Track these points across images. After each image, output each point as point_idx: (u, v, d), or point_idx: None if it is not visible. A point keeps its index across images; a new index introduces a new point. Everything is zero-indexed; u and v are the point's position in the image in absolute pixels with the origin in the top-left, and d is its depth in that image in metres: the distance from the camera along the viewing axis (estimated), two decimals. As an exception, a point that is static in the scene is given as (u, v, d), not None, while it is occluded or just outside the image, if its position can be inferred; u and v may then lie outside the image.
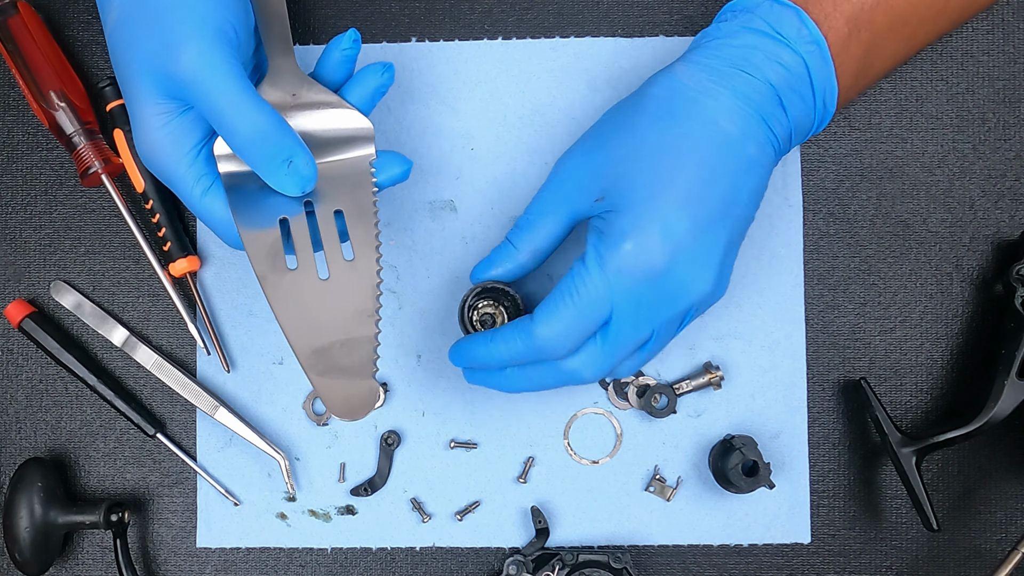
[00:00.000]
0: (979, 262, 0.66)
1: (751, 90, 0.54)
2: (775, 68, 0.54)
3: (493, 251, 0.59)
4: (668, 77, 0.55)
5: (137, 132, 0.54)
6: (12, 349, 0.67)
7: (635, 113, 0.55)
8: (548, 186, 0.58)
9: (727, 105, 0.53)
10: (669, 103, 0.54)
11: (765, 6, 0.55)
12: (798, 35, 0.54)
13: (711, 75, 0.54)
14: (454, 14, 0.67)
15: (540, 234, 0.58)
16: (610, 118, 0.57)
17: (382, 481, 0.65)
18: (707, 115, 0.53)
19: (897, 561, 0.66)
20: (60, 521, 0.62)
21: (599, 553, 0.63)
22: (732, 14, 0.56)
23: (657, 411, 0.64)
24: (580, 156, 0.57)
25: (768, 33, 0.54)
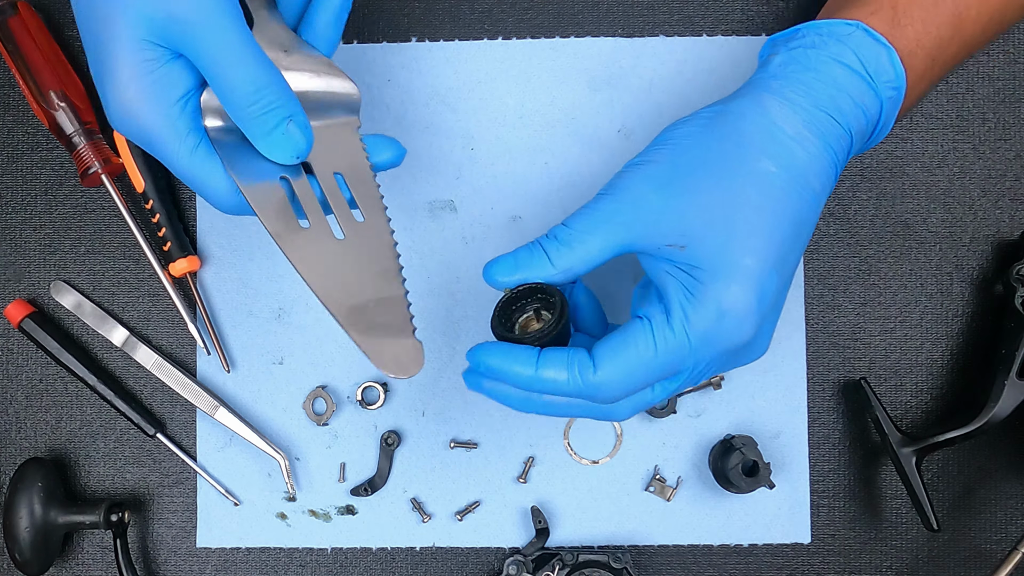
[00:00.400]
0: (979, 262, 0.66)
1: (835, 140, 0.51)
2: (858, 116, 0.52)
3: (521, 253, 0.52)
4: (762, 116, 0.50)
5: (112, 83, 0.47)
6: (12, 349, 0.67)
7: (727, 155, 0.49)
8: (602, 205, 0.51)
9: (817, 158, 0.50)
10: (764, 149, 0.49)
11: (857, 37, 0.52)
12: (884, 77, 0.52)
13: (803, 119, 0.50)
14: (454, 14, 0.67)
15: (582, 255, 0.50)
16: (692, 150, 0.50)
17: (382, 481, 0.65)
18: (800, 169, 0.50)
19: (897, 561, 0.66)
20: (60, 521, 0.62)
21: (599, 553, 0.63)
22: (818, 36, 0.52)
23: (657, 411, 0.64)
24: (651, 185, 0.50)
25: (859, 72, 0.51)
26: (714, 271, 0.48)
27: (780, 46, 0.53)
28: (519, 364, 0.49)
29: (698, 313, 0.48)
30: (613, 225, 0.50)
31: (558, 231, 0.51)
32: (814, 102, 0.50)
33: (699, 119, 0.52)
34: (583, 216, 0.51)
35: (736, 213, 0.48)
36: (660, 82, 0.66)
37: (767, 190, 0.49)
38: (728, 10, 0.67)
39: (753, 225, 0.48)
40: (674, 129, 0.52)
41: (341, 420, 0.66)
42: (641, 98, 0.66)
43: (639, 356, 0.48)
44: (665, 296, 0.49)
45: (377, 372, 0.66)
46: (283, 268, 0.66)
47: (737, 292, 0.47)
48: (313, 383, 0.66)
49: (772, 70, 0.52)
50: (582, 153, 0.66)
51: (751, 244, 0.48)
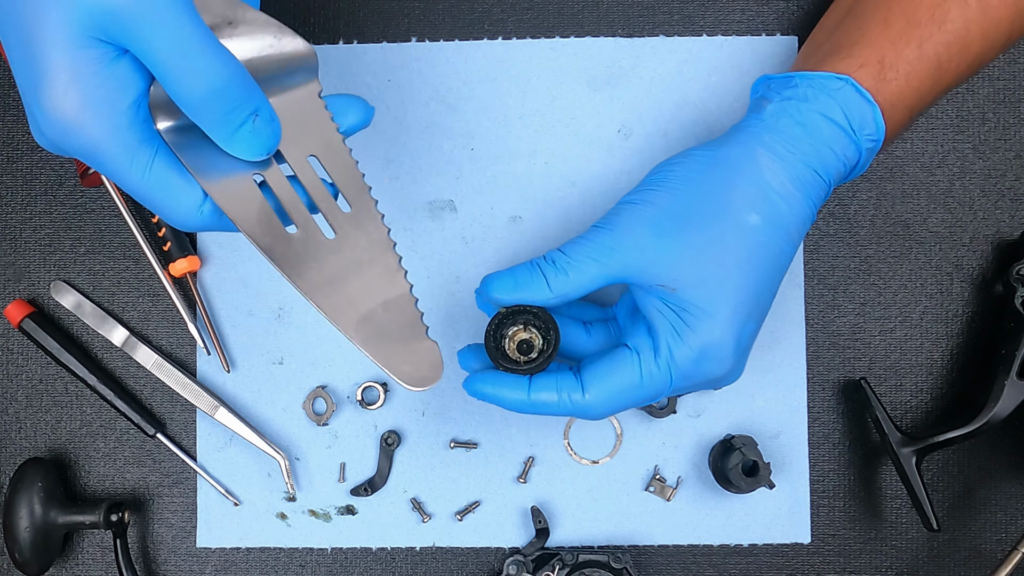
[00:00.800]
0: (979, 262, 0.66)
1: (816, 192, 0.54)
2: (839, 167, 0.54)
3: (520, 274, 0.55)
4: (754, 171, 0.53)
5: (45, 91, 0.40)
6: (12, 349, 0.67)
7: (720, 206, 0.53)
8: (600, 239, 0.54)
9: (798, 211, 0.53)
10: (754, 205, 0.53)
11: (845, 93, 0.54)
12: (867, 131, 0.54)
13: (790, 175, 0.53)
14: (454, 14, 0.67)
15: (577, 283, 0.54)
16: (688, 197, 0.54)
17: (382, 481, 0.65)
18: (783, 223, 0.53)
19: (897, 561, 0.66)
20: (60, 521, 0.62)
21: (599, 553, 0.63)
22: (810, 89, 0.54)
23: (657, 411, 0.64)
24: (649, 229, 0.53)
25: (844, 128, 0.54)
26: (700, 316, 0.52)
27: (774, 92, 0.56)
28: (512, 391, 0.55)
29: (682, 352, 0.52)
30: (610, 259, 0.53)
31: (556, 257, 0.54)
32: (802, 158, 0.53)
33: (695, 163, 0.54)
34: (581, 246, 0.54)
35: (723, 265, 0.52)
36: (660, 82, 0.66)
37: (752, 245, 0.53)
38: (728, 10, 0.67)
39: (737, 279, 0.52)
40: (670, 170, 0.55)
41: (341, 420, 0.66)
42: (641, 98, 0.66)
43: (624, 384, 0.53)
44: (654, 332, 0.53)
45: (377, 372, 0.66)
46: (283, 268, 0.66)
47: (718, 337, 0.52)
48: (313, 383, 0.66)
49: (765, 119, 0.55)
50: (582, 153, 0.66)
51: (735, 296, 0.52)
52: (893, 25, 0.56)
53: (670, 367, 0.52)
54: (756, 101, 0.57)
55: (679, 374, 0.53)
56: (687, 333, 0.52)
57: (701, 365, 0.52)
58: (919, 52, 0.55)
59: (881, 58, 0.55)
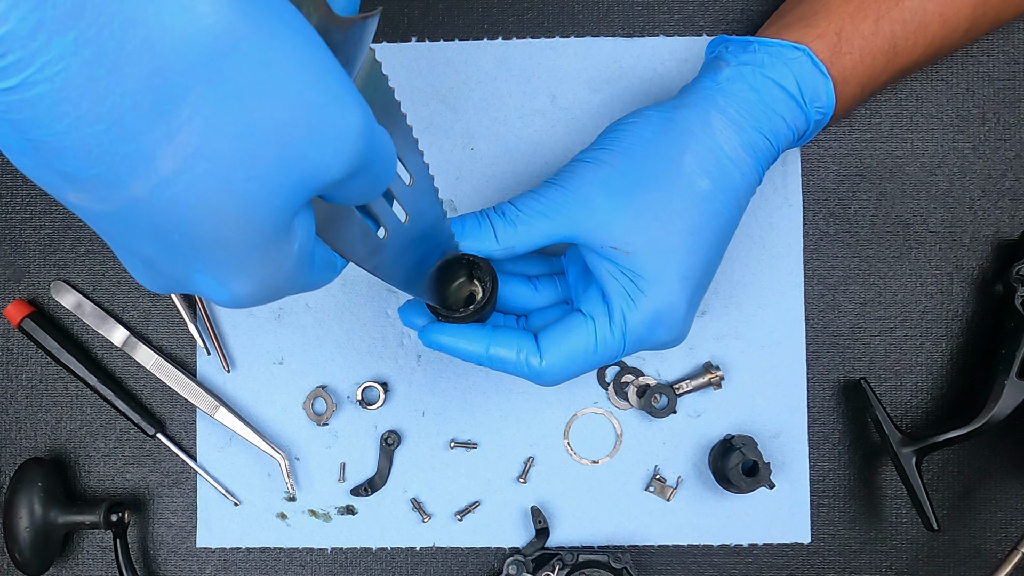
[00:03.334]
0: (979, 262, 0.66)
1: (765, 158, 0.55)
2: (788, 135, 0.55)
3: (469, 222, 0.53)
4: (708, 135, 0.54)
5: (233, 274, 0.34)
6: (12, 349, 0.67)
7: (673, 170, 0.53)
8: (551, 194, 0.54)
9: (748, 177, 0.54)
10: (708, 173, 0.53)
11: (801, 63, 0.55)
12: (817, 103, 0.55)
13: (742, 141, 0.54)
14: (454, 14, 0.67)
15: (525, 238, 0.53)
16: (643, 159, 0.54)
17: (382, 481, 0.65)
18: (734, 189, 0.54)
19: (897, 561, 0.66)
20: (60, 521, 0.62)
21: (599, 553, 0.63)
22: (767, 56, 0.55)
23: (657, 411, 0.64)
24: (602, 189, 0.53)
25: (795, 97, 0.55)
26: (653, 282, 0.52)
27: (731, 56, 0.56)
28: (471, 343, 0.54)
29: (636, 318, 0.53)
30: (560, 216, 0.53)
31: (506, 209, 0.54)
32: (754, 124, 0.54)
33: (650, 124, 0.54)
34: (532, 201, 0.54)
35: (676, 231, 0.53)
36: (660, 82, 0.66)
37: (704, 210, 0.53)
38: (728, 10, 0.67)
39: (690, 244, 0.53)
40: (624, 130, 0.55)
41: (341, 420, 0.66)
42: (641, 98, 0.66)
43: (579, 349, 0.53)
44: (607, 298, 0.53)
45: (377, 372, 0.66)
46: (283, 268, 0.66)
47: (671, 303, 0.53)
48: (313, 383, 0.66)
49: (721, 83, 0.55)
50: (582, 153, 0.66)
51: (687, 261, 0.53)
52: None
53: (624, 333, 0.53)
54: (711, 61, 0.57)
55: (632, 340, 0.53)
56: (641, 299, 0.52)
57: (654, 331, 0.53)
58: (875, 28, 0.56)
59: (839, 30, 0.56)
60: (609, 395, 0.66)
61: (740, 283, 0.65)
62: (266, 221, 0.32)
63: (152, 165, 0.29)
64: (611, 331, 0.53)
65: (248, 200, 0.31)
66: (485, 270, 0.53)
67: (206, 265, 0.33)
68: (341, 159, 0.32)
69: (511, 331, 0.55)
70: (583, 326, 0.54)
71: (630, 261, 0.52)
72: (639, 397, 0.65)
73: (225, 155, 0.30)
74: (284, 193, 0.31)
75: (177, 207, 0.30)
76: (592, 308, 0.54)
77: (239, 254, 0.33)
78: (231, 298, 0.35)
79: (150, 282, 0.36)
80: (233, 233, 0.32)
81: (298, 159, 0.31)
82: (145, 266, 0.34)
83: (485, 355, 0.54)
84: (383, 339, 0.66)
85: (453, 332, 0.54)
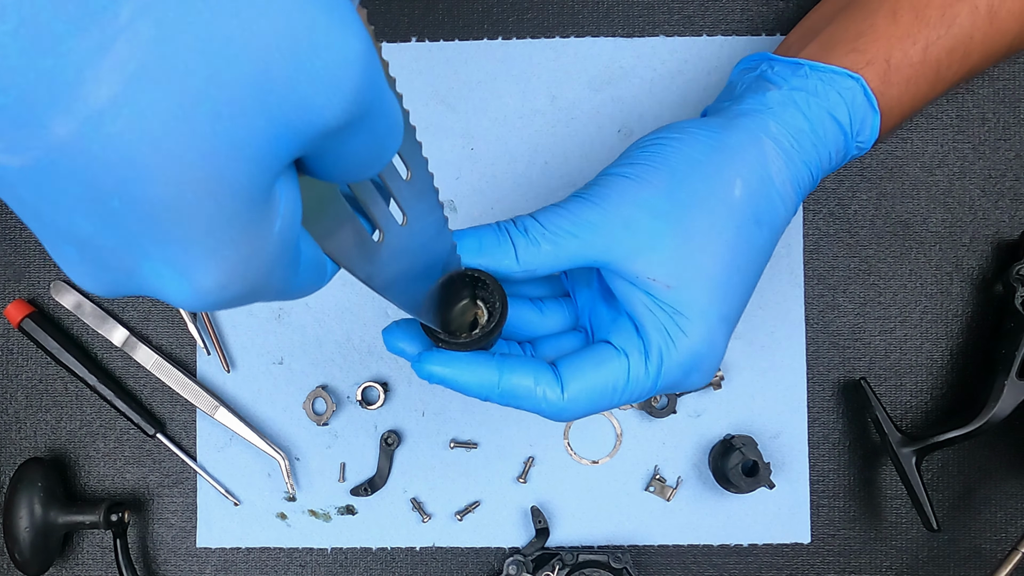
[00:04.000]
0: (979, 262, 0.66)
1: (807, 191, 0.52)
2: (828, 167, 0.52)
3: (487, 238, 0.47)
4: (761, 165, 0.49)
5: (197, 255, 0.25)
6: (12, 349, 0.67)
7: (722, 197, 0.48)
8: (585, 213, 0.47)
9: (789, 217, 0.51)
10: (757, 206, 0.48)
11: (854, 95, 0.52)
12: (862, 136, 0.53)
13: (791, 175, 0.50)
14: (454, 14, 0.67)
15: (550, 260, 0.47)
16: (690, 183, 0.48)
17: (382, 481, 0.65)
18: (779, 227, 0.50)
19: (897, 561, 0.66)
20: (60, 521, 0.62)
21: (599, 553, 0.63)
22: (820, 82, 0.51)
23: (657, 411, 0.64)
24: (646, 212, 0.47)
25: (845, 130, 0.52)
26: (696, 321, 0.47)
27: (780, 78, 0.52)
28: (479, 374, 0.46)
29: (674, 360, 0.47)
30: (593, 238, 0.47)
31: (530, 225, 0.47)
32: (803, 156, 0.50)
33: (698, 143, 0.49)
34: (560, 218, 0.47)
35: (722, 265, 0.47)
36: (660, 82, 0.66)
37: (752, 244, 0.48)
38: (728, 10, 0.67)
39: (735, 282, 0.48)
40: (666, 145, 0.49)
41: (341, 420, 0.66)
42: (641, 98, 0.66)
43: (608, 385, 0.47)
44: (644, 333, 0.47)
45: (377, 372, 0.66)
46: (283, 268, 0.66)
47: (712, 347, 0.47)
48: (313, 383, 0.66)
49: (772, 107, 0.51)
50: (582, 153, 0.66)
51: (729, 300, 0.48)
52: (901, 20, 0.53)
53: (659, 374, 0.47)
54: (756, 81, 0.53)
55: (666, 383, 0.47)
56: (681, 340, 0.47)
57: (690, 375, 0.48)
58: (923, 56, 0.53)
59: (888, 57, 0.52)
60: (609, 395, 0.66)
61: (740, 283, 0.65)
62: (238, 178, 0.23)
63: (80, 91, 0.21)
64: (646, 370, 0.47)
65: (215, 147, 0.23)
66: (494, 290, 0.46)
67: (160, 246, 0.24)
68: (338, 98, 0.24)
69: (523, 360, 0.47)
70: (614, 360, 0.47)
71: (671, 296, 0.46)
72: (639, 397, 0.65)
73: (182, 79, 0.21)
74: (263, 140, 0.23)
75: (116, 155, 0.22)
76: (625, 342, 0.47)
77: (203, 230, 0.24)
78: (193, 293, 0.25)
79: (89, 279, 0.26)
80: (194, 197, 0.23)
81: (282, 93, 0.23)
82: (81, 255, 0.25)
83: (495, 387, 0.46)
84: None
85: (455, 362, 0.46)
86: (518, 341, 0.52)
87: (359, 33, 0.24)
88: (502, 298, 0.46)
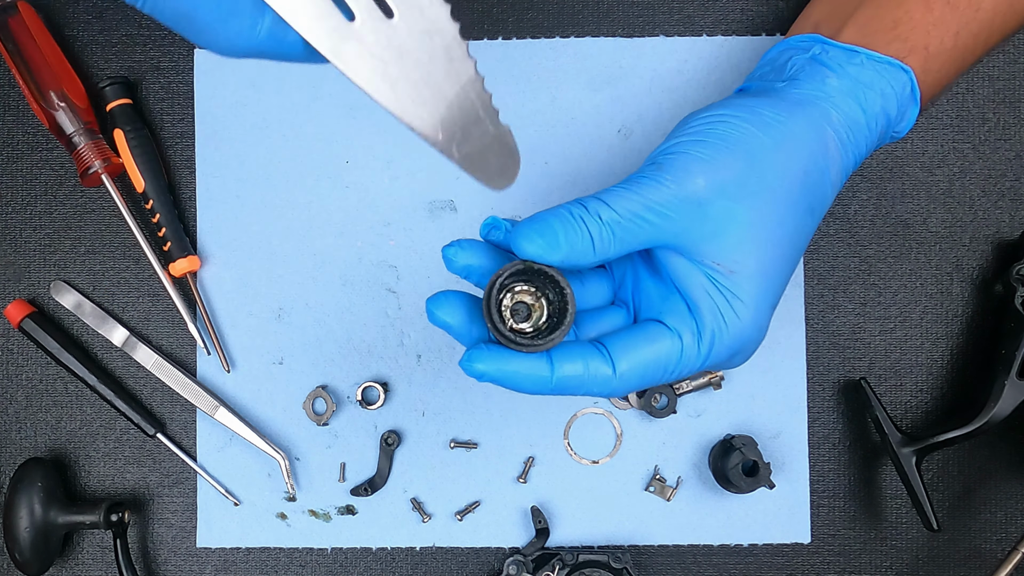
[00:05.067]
0: (979, 262, 0.66)
1: (849, 174, 0.52)
2: (867, 153, 0.53)
3: (557, 224, 0.45)
4: (823, 157, 0.49)
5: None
6: (12, 349, 0.67)
7: (788, 188, 0.48)
8: (656, 193, 0.46)
9: (833, 199, 0.51)
10: (815, 197, 0.49)
11: (905, 89, 0.52)
12: (899, 126, 0.53)
13: (843, 166, 0.51)
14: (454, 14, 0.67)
15: (623, 245, 0.46)
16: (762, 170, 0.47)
17: (382, 481, 0.65)
18: (823, 213, 0.51)
19: (897, 561, 0.66)
20: (60, 521, 0.62)
21: (599, 553, 0.63)
22: (876, 73, 0.51)
23: (657, 411, 0.64)
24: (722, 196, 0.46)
25: (892, 123, 0.52)
26: (750, 308, 0.47)
27: (836, 65, 0.51)
28: (532, 368, 0.45)
29: (723, 344, 0.47)
30: (668, 223, 0.46)
31: (602, 210, 0.45)
32: (855, 148, 0.51)
33: (768, 128, 0.48)
34: (632, 202, 0.45)
35: (781, 255, 0.48)
36: (660, 82, 0.66)
37: (802, 239, 0.49)
38: (728, 10, 0.67)
39: (787, 272, 0.49)
40: (738, 127, 0.48)
41: (341, 420, 0.66)
42: (641, 98, 0.66)
43: (659, 363, 0.47)
44: (698, 315, 0.47)
45: (377, 372, 0.66)
46: (283, 268, 0.66)
47: (760, 332, 0.48)
48: (313, 383, 0.66)
49: (831, 95, 0.50)
50: (582, 153, 0.66)
51: (777, 290, 0.49)
52: (934, 7, 0.53)
53: (709, 355, 0.47)
54: (811, 64, 0.52)
55: (712, 362, 0.48)
56: (735, 324, 0.47)
57: (734, 358, 0.48)
58: (955, 42, 0.53)
59: (927, 44, 0.52)
60: (609, 395, 0.66)
61: (740, 283, 0.65)
62: None
63: None
64: (697, 351, 0.47)
65: None
66: (567, 294, 0.44)
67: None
68: None
69: (572, 347, 0.46)
70: (667, 340, 0.47)
71: (731, 281, 0.46)
72: (639, 397, 0.65)
73: None
74: None
75: None
76: (678, 323, 0.47)
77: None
78: None
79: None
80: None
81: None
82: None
83: (549, 381, 0.45)
84: (383, 339, 0.66)
85: (506, 360, 0.45)
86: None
87: None
88: (572, 304, 0.44)
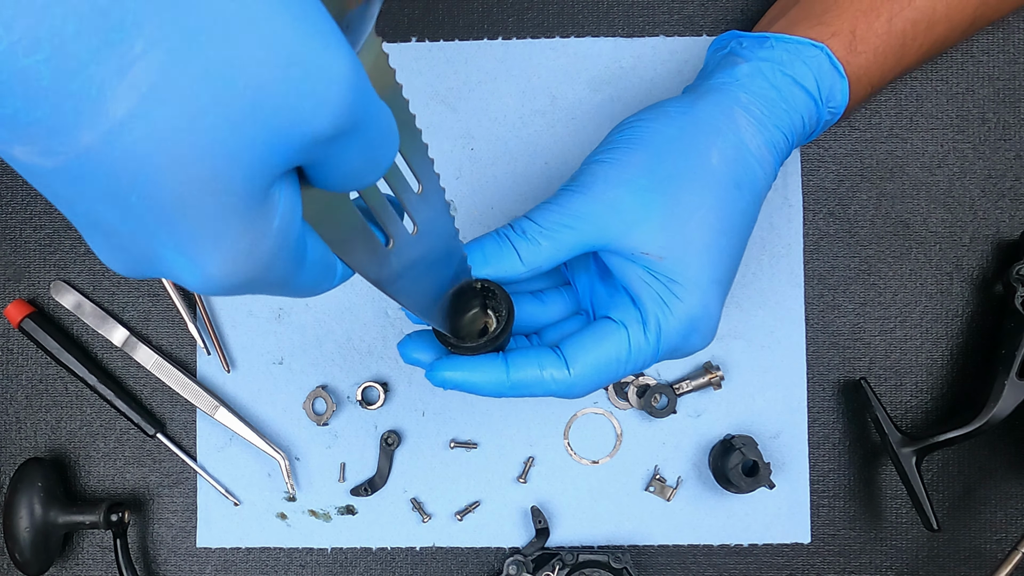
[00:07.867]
0: (979, 262, 0.66)
1: (784, 155, 0.54)
2: (802, 133, 0.55)
3: (489, 247, 0.50)
4: (734, 133, 0.52)
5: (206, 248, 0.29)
6: (12, 349, 0.67)
7: (701, 167, 0.50)
8: (574, 204, 0.50)
9: (770, 175, 0.53)
10: (735, 172, 0.51)
11: (820, 62, 0.54)
12: (832, 102, 0.55)
13: (765, 139, 0.53)
14: (454, 14, 0.67)
15: (551, 254, 0.50)
16: (670, 158, 0.51)
17: (382, 481, 0.65)
18: (759, 190, 0.52)
19: (897, 561, 0.66)
20: (60, 521, 0.62)
21: (599, 553, 0.63)
22: (786, 53, 0.54)
23: (657, 411, 0.64)
24: (630, 190, 0.50)
25: (813, 96, 0.54)
26: (688, 287, 0.49)
27: (748, 52, 0.55)
28: (488, 374, 0.49)
29: (671, 325, 0.50)
30: (586, 225, 0.50)
31: (526, 226, 0.50)
32: (775, 121, 0.53)
33: (672, 120, 0.52)
34: (552, 213, 0.50)
35: (709, 231, 0.50)
36: (660, 82, 0.66)
37: (734, 209, 0.51)
38: (728, 10, 0.67)
39: (721, 245, 0.50)
40: (642, 127, 0.52)
41: (341, 420, 0.66)
42: (641, 98, 0.66)
43: (611, 357, 0.50)
44: (640, 304, 0.50)
45: (377, 372, 0.66)
46: (283, 268, 0.66)
47: (705, 309, 0.50)
48: (313, 383, 0.66)
49: (740, 79, 0.54)
50: (582, 153, 0.66)
51: (718, 263, 0.50)
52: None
53: (659, 340, 0.50)
54: (725, 57, 0.56)
55: (667, 348, 0.50)
56: (676, 305, 0.49)
57: (689, 338, 0.50)
58: (888, 27, 0.56)
59: (853, 28, 0.55)
60: (609, 395, 0.66)
61: (740, 283, 0.65)
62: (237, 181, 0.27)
63: (102, 107, 0.25)
64: (645, 338, 0.50)
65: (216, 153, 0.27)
66: (501, 298, 0.48)
67: (172, 236, 0.28)
68: (325, 111, 0.27)
69: (527, 351, 0.50)
70: (615, 333, 0.50)
71: (663, 266, 0.49)
72: (639, 397, 0.65)
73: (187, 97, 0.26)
74: (258, 148, 0.27)
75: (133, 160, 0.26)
76: (623, 315, 0.50)
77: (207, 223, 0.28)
78: (203, 279, 0.30)
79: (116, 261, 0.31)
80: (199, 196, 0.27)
81: (275, 107, 0.27)
82: (107, 241, 0.30)
83: (507, 382, 0.49)
84: (383, 339, 0.66)
85: (465, 366, 0.49)
86: (524, 334, 0.55)
87: (345, 56, 0.28)
88: (508, 305, 0.48)
